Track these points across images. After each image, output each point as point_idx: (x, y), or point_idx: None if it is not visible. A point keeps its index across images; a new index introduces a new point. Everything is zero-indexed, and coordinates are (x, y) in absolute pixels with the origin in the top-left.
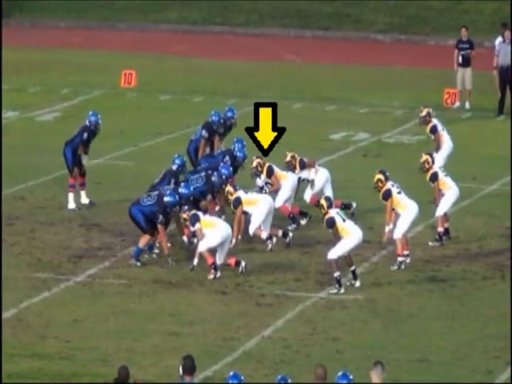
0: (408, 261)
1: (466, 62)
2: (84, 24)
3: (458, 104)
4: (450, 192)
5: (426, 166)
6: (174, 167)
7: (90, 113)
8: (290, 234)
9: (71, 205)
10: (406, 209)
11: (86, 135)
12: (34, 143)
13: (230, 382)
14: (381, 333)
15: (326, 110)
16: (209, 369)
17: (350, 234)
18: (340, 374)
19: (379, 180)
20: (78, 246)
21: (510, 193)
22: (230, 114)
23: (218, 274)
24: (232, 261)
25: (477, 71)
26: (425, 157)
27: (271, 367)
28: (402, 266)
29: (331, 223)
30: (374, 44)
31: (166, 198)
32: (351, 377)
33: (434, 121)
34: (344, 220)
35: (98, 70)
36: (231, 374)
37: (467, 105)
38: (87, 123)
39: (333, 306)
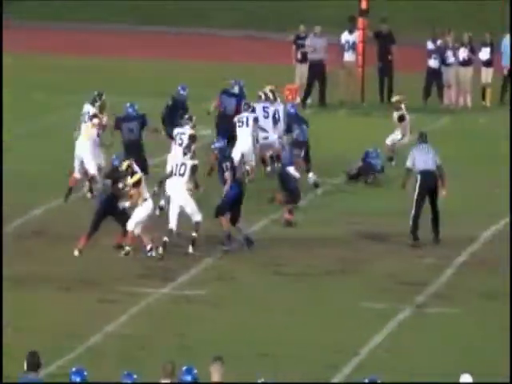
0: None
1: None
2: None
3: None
4: None
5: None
6: None
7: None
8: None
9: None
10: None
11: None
12: None
13: (73, 377)
14: (228, 327)
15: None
16: (53, 364)
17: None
18: (184, 369)
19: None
20: None
21: (510, 193)
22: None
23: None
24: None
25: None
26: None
27: (115, 363)
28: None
29: None
30: None
31: None
32: (195, 371)
33: (404, 110)
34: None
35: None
36: (74, 369)
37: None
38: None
39: (178, 301)
